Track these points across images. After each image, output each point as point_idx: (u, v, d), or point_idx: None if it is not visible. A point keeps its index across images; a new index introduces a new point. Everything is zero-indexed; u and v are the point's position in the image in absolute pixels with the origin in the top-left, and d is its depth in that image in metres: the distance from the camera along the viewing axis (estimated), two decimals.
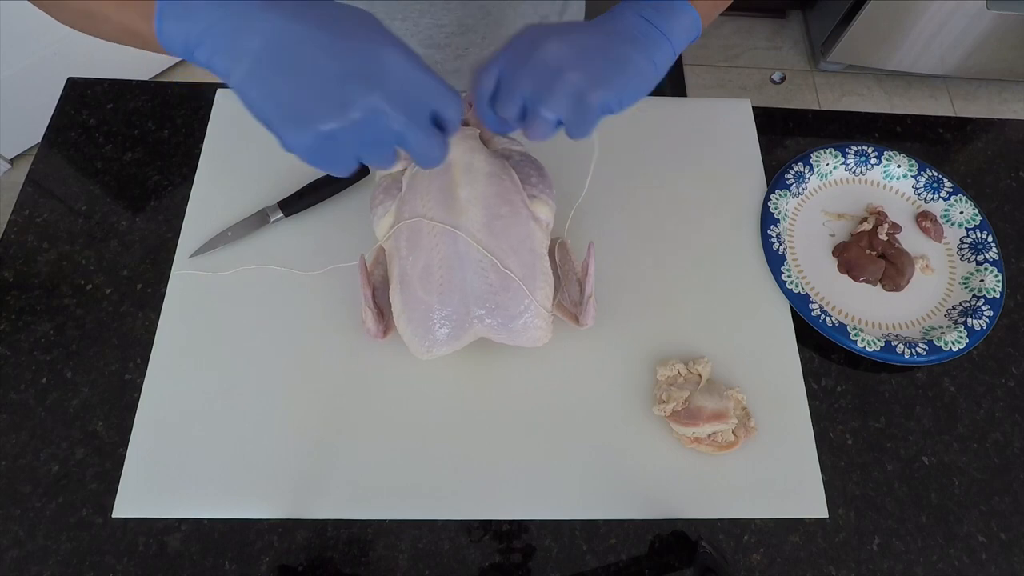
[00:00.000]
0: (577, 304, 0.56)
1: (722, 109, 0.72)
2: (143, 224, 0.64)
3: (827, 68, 1.86)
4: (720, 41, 1.91)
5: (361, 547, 0.52)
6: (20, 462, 0.54)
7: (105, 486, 0.53)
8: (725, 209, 0.66)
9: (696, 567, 0.52)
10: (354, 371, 0.57)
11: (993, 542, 0.54)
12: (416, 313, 0.51)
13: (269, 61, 0.32)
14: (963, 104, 1.85)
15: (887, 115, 0.74)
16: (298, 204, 0.62)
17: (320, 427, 0.55)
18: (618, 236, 0.64)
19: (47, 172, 0.66)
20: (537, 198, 0.53)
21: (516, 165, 0.55)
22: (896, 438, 0.58)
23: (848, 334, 0.59)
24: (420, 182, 0.52)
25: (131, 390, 0.56)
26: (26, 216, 0.64)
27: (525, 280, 0.50)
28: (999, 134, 0.74)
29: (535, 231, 0.52)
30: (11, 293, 0.60)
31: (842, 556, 0.53)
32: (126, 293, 0.60)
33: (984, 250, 0.64)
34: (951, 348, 0.59)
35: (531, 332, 0.52)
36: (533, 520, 0.53)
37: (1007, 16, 1.54)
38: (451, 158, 0.52)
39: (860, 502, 0.55)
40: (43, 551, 0.51)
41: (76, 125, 0.68)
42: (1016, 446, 0.58)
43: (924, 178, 0.68)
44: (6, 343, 0.58)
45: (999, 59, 1.69)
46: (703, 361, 0.57)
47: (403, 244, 0.52)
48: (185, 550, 0.51)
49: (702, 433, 0.54)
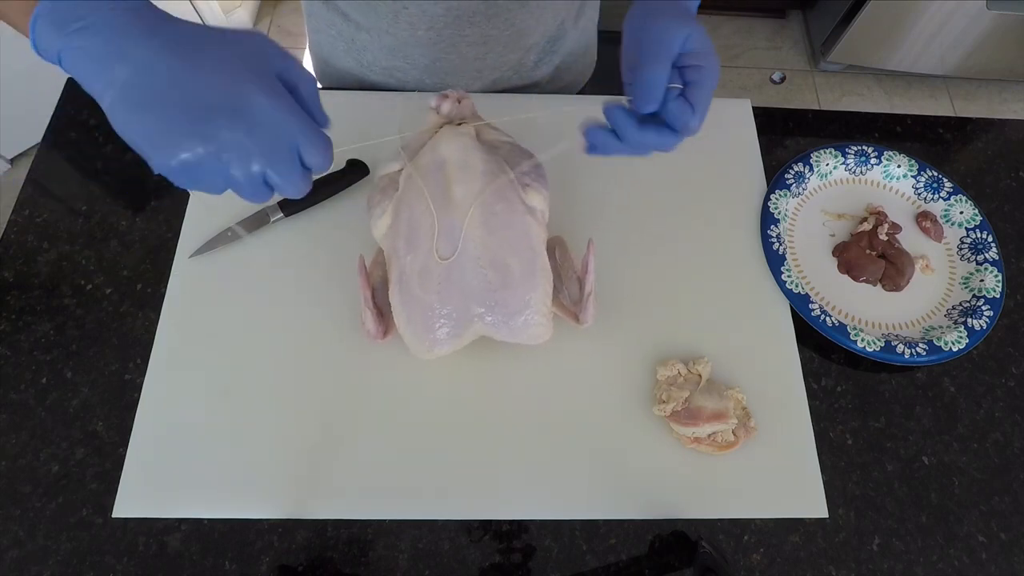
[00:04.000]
0: (577, 302, 0.56)
1: (722, 109, 0.72)
2: (143, 224, 0.64)
3: (827, 68, 1.86)
4: (720, 41, 1.91)
5: (361, 547, 0.52)
6: (20, 462, 0.54)
7: (105, 486, 0.53)
8: (725, 209, 0.66)
9: (696, 567, 0.52)
10: (354, 371, 0.57)
11: (993, 542, 0.54)
12: (416, 313, 0.51)
13: (137, 91, 0.33)
14: (963, 104, 1.85)
15: (887, 115, 0.74)
16: (298, 204, 0.62)
17: (320, 427, 0.55)
18: (618, 236, 0.64)
19: (47, 172, 0.66)
20: (530, 187, 0.53)
21: (507, 156, 0.55)
22: (896, 438, 0.58)
23: (848, 334, 0.59)
24: (415, 182, 0.52)
25: (131, 390, 0.56)
26: (26, 216, 0.64)
27: (524, 276, 0.50)
28: (999, 134, 0.74)
29: (532, 226, 0.52)
30: (11, 293, 0.60)
31: (842, 556, 0.53)
32: (126, 293, 0.60)
33: (984, 250, 0.64)
34: (951, 348, 0.59)
35: (532, 329, 0.51)
36: (533, 520, 0.53)
37: (1007, 16, 1.54)
38: (446, 156, 0.52)
39: (860, 502, 0.55)
40: (43, 551, 0.51)
41: (76, 125, 0.68)
42: (1016, 446, 0.58)
43: (924, 178, 0.68)
44: (6, 343, 0.58)
45: (999, 59, 1.69)
46: (703, 361, 0.57)
47: (401, 244, 0.52)
48: (185, 550, 0.51)
49: (702, 433, 0.54)
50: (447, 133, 0.54)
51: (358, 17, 0.67)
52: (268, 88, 0.35)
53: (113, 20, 0.33)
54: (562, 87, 0.80)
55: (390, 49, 0.69)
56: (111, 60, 0.33)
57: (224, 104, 0.33)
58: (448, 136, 0.54)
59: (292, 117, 0.35)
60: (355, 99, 0.70)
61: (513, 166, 0.54)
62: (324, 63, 0.76)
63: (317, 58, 0.78)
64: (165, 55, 0.33)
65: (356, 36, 0.70)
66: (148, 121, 0.33)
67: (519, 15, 0.65)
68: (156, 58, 0.33)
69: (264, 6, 1.90)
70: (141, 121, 0.34)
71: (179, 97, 0.33)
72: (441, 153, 0.53)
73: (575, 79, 0.82)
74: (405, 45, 0.68)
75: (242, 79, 0.34)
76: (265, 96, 0.34)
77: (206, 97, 0.33)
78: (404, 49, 0.68)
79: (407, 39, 0.67)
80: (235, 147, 0.34)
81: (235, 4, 1.77)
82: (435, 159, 0.53)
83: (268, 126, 0.34)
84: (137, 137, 0.34)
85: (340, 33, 0.71)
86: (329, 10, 0.70)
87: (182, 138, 0.33)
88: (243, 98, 0.34)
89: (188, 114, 0.33)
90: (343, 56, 0.73)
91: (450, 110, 0.56)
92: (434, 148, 0.53)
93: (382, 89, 0.73)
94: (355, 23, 0.68)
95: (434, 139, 0.54)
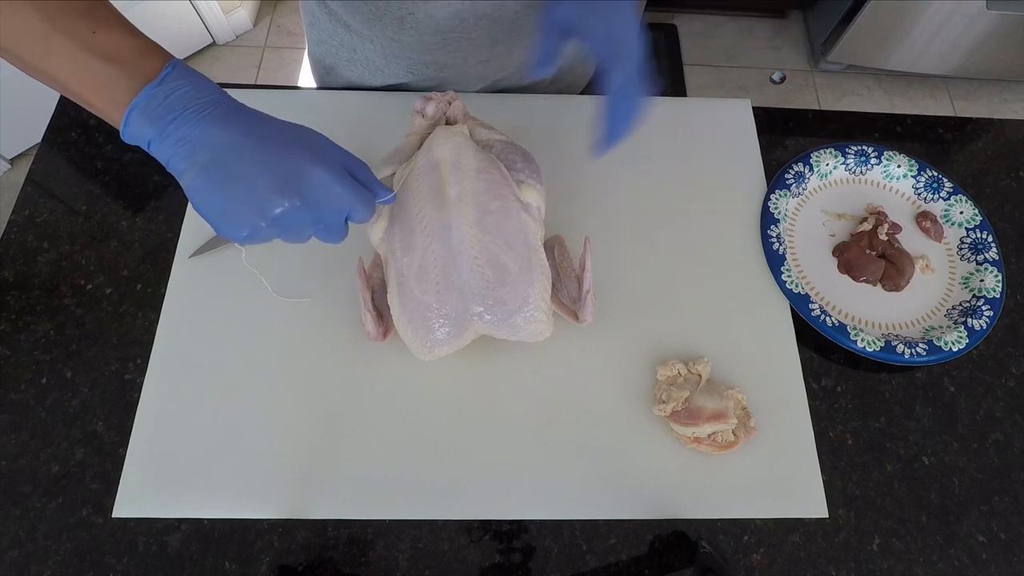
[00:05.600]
0: (576, 301, 0.56)
1: (722, 109, 0.72)
2: (143, 224, 0.64)
3: (827, 68, 1.86)
4: (720, 41, 1.91)
5: (361, 547, 0.52)
6: (20, 462, 0.54)
7: (105, 486, 0.53)
8: (725, 209, 0.66)
9: (696, 567, 0.52)
10: (354, 372, 0.57)
11: (993, 542, 0.54)
12: (415, 314, 0.51)
13: (214, 172, 0.39)
14: (963, 104, 1.85)
15: (887, 115, 0.74)
16: None
17: (320, 427, 0.55)
18: (618, 236, 0.64)
19: (47, 172, 0.66)
20: (524, 183, 0.53)
21: (500, 153, 0.55)
22: (896, 438, 0.58)
23: (848, 334, 0.59)
24: (410, 183, 0.52)
25: (131, 390, 0.56)
26: (26, 216, 0.64)
27: (522, 273, 0.50)
28: (999, 134, 0.74)
29: (528, 223, 0.52)
30: (11, 293, 0.60)
31: (842, 556, 0.53)
32: (126, 293, 0.60)
33: (984, 250, 0.64)
34: (951, 348, 0.59)
35: (532, 326, 0.51)
36: (533, 520, 0.53)
37: (1007, 16, 1.54)
38: (439, 157, 0.52)
39: (860, 502, 0.55)
40: (43, 551, 0.51)
41: (76, 125, 0.68)
42: (1016, 446, 0.58)
43: (924, 178, 0.68)
44: (6, 343, 0.58)
45: (999, 59, 1.69)
46: (703, 361, 0.57)
47: (397, 246, 0.52)
48: (185, 550, 0.51)
49: (702, 433, 0.54)
50: (440, 134, 0.54)
51: (361, 27, 0.67)
52: (327, 166, 0.40)
53: (201, 111, 0.39)
54: (563, 88, 0.80)
55: (395, 56, 0.69)
56: (196, 149, 0.39)
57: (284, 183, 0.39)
58: (441, 137, 0.54)
59: (344, 188, 0.41)
60: (355, 99, 0.70)
61: (507, 163, 0.54)
62: (327, 74, 0.76)
63: (319, 70, 0.77)
64: (241, 140, 0.39)
65: (359, 45, 0.70)
66: (220, 199, 0.39)
67: (525, 17, 0.65)
68: (233, 144, 0.39)
69: (264, 6, 1.90)
70: (214, 199, 0.39)
71: (246, 178, 0.39)
72: (435, 154, 0.53)
73: (576, 80, 0.81)
74: (411, 51, 0.68)
75: (307, 159, 0.40)
76: (326, 172, 0.40)
77: (271, 177, 0.39)
78: (409, 55, 0.68)
79: (413, 45, 0.67)
80: (293, 220, 0.40)
81: (235, 4, 1.77)
82: (429, 160, 0.53)
83: (320, 199, 0.40)
84: (210, 211, 0.39)
85: (342, 43, 0.71)
86: (332, 21, 0.70)
87: (246, 211, 0.39)
88: (302, 176, 0.40)
89: (252, 192, 0.39)
90: (346, 67, 0.73)
91: (435, 112, 0.56)
92: (428, 149, 0.54)
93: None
94: (358, 33, 0.68)
95: (428, 140, 0.55)
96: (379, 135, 0.65)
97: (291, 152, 0.40)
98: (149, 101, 0.38)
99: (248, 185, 0.39)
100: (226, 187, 0.39)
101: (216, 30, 1.78)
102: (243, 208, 0.39)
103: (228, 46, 1.83)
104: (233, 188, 0.39)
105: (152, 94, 0.38)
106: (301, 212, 0.40)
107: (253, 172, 0.39)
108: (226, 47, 1.83)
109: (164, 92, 0.39)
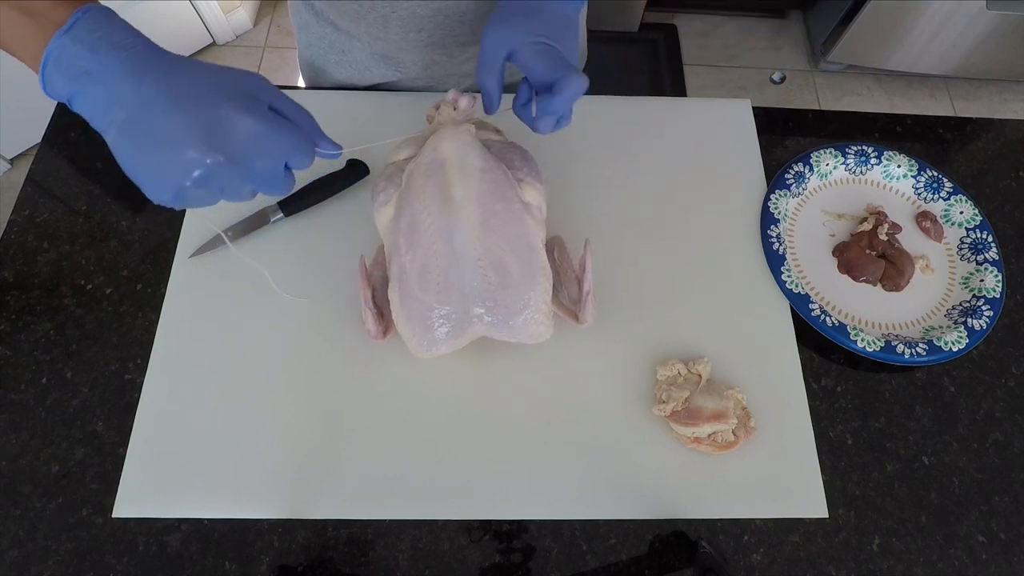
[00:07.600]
0: (577, 302, 0.56)
1: (722, 109, 0.72)
2: (143, 224, 0.64)
3: (827, 68, 1.86)
4: (720, 41, 1.91)
5: (361, 547, 0.52)
6: (20, 462, 0.54)
7: (105, 486, 0.53)
8: (725, 209, 0.66)
9: (696, 567, 0.52)
10: (354, 371, 0.57)
11: (993, 542, 0.54)
12: (414, 312, 0.51)
13: (132, 131, 0.36)
14: (963, 104, 1.85)
15: (887, 115, 0.74)
16: (298, 204, 0.62)
17: (320, 427, 0.55)
18: (618, 236, 0.64)
19: (47, 172, 0.66)
20: (524, 181, 0.53)
21: (499, 153, 0.55)
22: (896, 438, 0.58)
23: (848, 334, 0.59)
24: (416, 180, 0.52)
25: (131, 390, 0.56)
26: (26, 216, 0.64)
27: (523, 276, 0.50)
28: (999, 134, 0.74)
29: (530, 225, 0.52)
30: (11, 293, 0.60)
31: (842, 556, 0.53)
32: (126, 293, 0.60)
33: (984, 250, 0.64)
34: (951, 348, 0.59)
35: (532, 328, 0.51)
36: (533, 520, 0.53)
37: (1007, 16, 1.54)
38: (445, 155, 0.52)
39: (860, 502, 0.55)
40: (43, 551, 0.51)
41: (76, 125, 0.68)
42: (1016, 446, 0.58)
43: (924, 178, 0.68)
44: (6, 343, 0.58)
45: (999, 59, 1.69)
46: (703, 361, 0.57)
47: (402, 241, 0.52)
48: (185, 550, 0.51)
49: (702, 433, 0.54)
50: (447, 132, 0.54)
51: (348, 26, 0.67)
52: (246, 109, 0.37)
53: (111, 65, 0.36)
54: None
55: (382, 55, 0.69)
56: (110, 104, 0.36)
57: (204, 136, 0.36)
58: (449, 135, 0.54)
59: (278, 136, 0.38)
60: (354, 99, 0.70)
61: (506, 162, 0.54)
62: (317, 76, 0.76)
63: (309, 72, 0.77)
64: (154, 96, 0.36)
65: (347, 46, 0.70)
66: (142, 157, 0.37)
67: None
68: (147, 100, 0.36)
69: (264, 6, 1.90)
70: (136, 158, 0.37)
71: (164, 135, 0.36)
72: (441, 152, 0.53)
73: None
74: (397, 49, 0.68)
75: (224, 108, 0.36)
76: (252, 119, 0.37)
77: (187, 132, 0.36)
78: (396, 54, 0.69)
79: (398, 43, 0.67)
80: (221, 176, 0.37)
81: (235, 4, 1.77)
82: (435, 158, 0.53)
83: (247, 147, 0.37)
84: (134, 171, 0.37)
85: (331, 45, 0.71)
86: (319, 22, 0.70)
87: (169, 168, 0.36)
88: (222, 126, 0.36)
89: (172, 148, 0.36)
90: (335, 68, 0.73)
91: (467, 106, 0.56)
92: (435, 147, 0.53)
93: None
94: (345, 32, 0.68)
95: (434, 137, 0.54)
96: (376, 134, 0.64)
97: (210, 104, 0.36)
98: (61, 52, 0.36)
99: (166, 144, 0.36)
100: (145, 147, 0.36)
101: (216, 30, 1.78)
102: (165, 168, 0.36)
103: (228, 46, 1.83)
104: (152, 148, 0.36)
105: (61, 43, 0.36)
106: (227, 168, 0.37)
107: (168, 130, 0.36)
108: (226, 47, 1.83)
109: (71, 39, 0.36)
